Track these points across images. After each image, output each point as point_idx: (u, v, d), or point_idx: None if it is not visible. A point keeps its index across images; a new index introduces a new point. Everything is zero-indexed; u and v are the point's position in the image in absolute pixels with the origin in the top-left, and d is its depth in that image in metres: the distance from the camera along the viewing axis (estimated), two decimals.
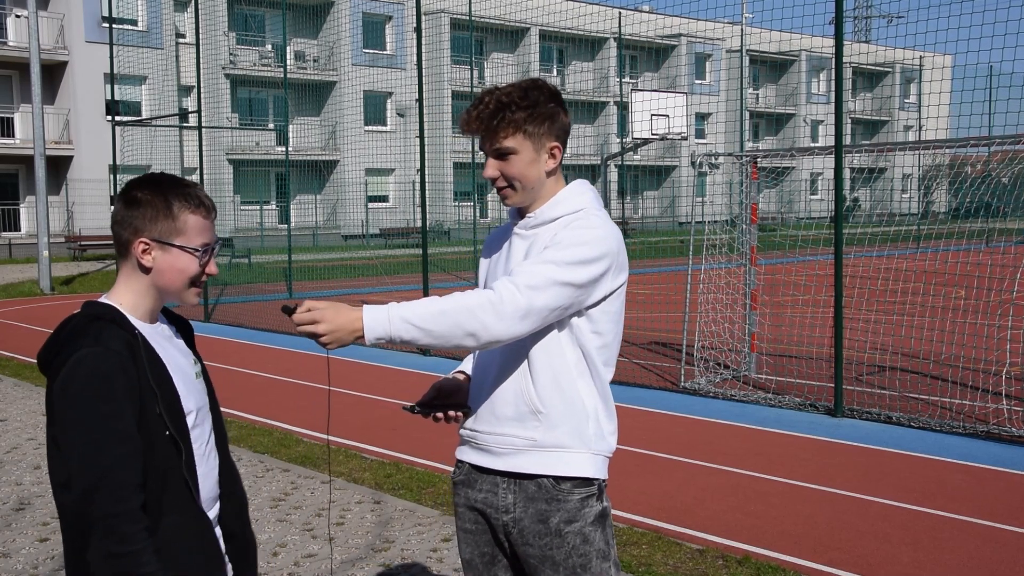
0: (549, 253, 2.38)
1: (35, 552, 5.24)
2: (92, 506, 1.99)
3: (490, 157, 2.49)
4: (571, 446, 2.47)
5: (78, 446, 2.02)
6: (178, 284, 2.22)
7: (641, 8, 42.97)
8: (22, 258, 30.81)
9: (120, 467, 2.01)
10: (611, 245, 2.43)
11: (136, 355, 2.10)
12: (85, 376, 2.03)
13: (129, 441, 2.04)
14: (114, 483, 2.00)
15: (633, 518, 5.65)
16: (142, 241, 2.17)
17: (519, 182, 2.48)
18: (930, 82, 44.58)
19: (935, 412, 8.09)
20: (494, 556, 2.60)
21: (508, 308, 2.28)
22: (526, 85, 2.48)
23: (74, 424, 2.03)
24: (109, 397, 2.03)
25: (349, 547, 5.25)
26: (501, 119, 2.43)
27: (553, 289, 2.33)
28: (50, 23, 33.04)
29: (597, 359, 2.49)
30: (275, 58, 38.37)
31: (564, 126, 2.51)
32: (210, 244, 2.24)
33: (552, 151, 2.50)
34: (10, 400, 9.42)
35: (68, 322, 2.16)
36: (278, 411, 8.73)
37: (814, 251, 11.40)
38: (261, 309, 16.59)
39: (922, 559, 4.99)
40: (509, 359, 2.47)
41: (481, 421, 2.54)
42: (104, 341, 2.07)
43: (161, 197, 2.18)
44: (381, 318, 2.24)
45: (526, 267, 2.36)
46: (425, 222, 12.19)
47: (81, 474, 2.01)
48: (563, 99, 2.54)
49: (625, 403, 8.72)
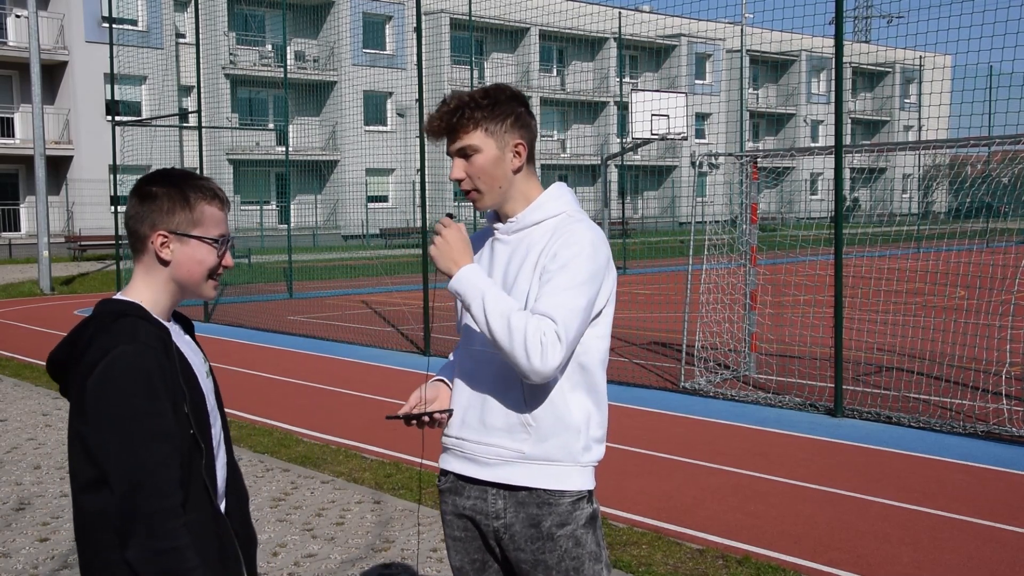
0: (559, 279, 2.37)
1: (35, 552, 5.23)
2: (136, 504, 1.99)
3: (455, 158, 2.49)
4: (559, 460, 2.45)
5: (118, 445, 2.01)
6: (197, 276, 2.22)
7: (641, 8, 42.98)
8: (22, 258, 30.81)
9: (163, 465, 2.01)
10: (604, 249, 2.46)
11: (169, 351, 2.11)
12: (125, 373, 2.02)
13: (171, 438, 2.04)
14: (158, 481, 2.00)
15: (633, 518, 5.65)
16: (160, 234, 2.17)
17: (485, 182, 2.48)
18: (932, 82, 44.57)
19: (935, 412, 8.09)
20: (484, 562, 2.59)
21: (551, 361, 2.30)
22: (488, 87, 2.50)
23: (113, 423, 2.01)
24: (150, 394, 2.03)
25: (349, 547, 5.25)
26: (461, 116, 2.44)
27: (580, 315, 2.36)
28: (50, 23, 33.04)
29: (597, 367, 2.49)
30: (275, 58, 38.37)
31: (528, 125, 2.50)
32: (226, 236, 2.25)
33: (516, 148, 2.49)
34: (10, 400, 9.42)
35: (90, 321, 2.15)
36: (278, 411, 8.73)
37: (814, 251, 11.40)
38: (261, 309, 16.59)
39: (922, 559, 4.99)
40: (502, 369, 2.46)
41: (468, 429, 2.52)
42: (143, 338, 2.07)
43: (177, 189, 2.19)
44: (471, 284, 2.37)
45: (559, 313, 2.33)
46: (425, 222, 12.19)
47: (123, 473, 2.00)
48: (527, 103, 2.54)
49: (625, 403, 8.72)
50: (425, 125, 2.49)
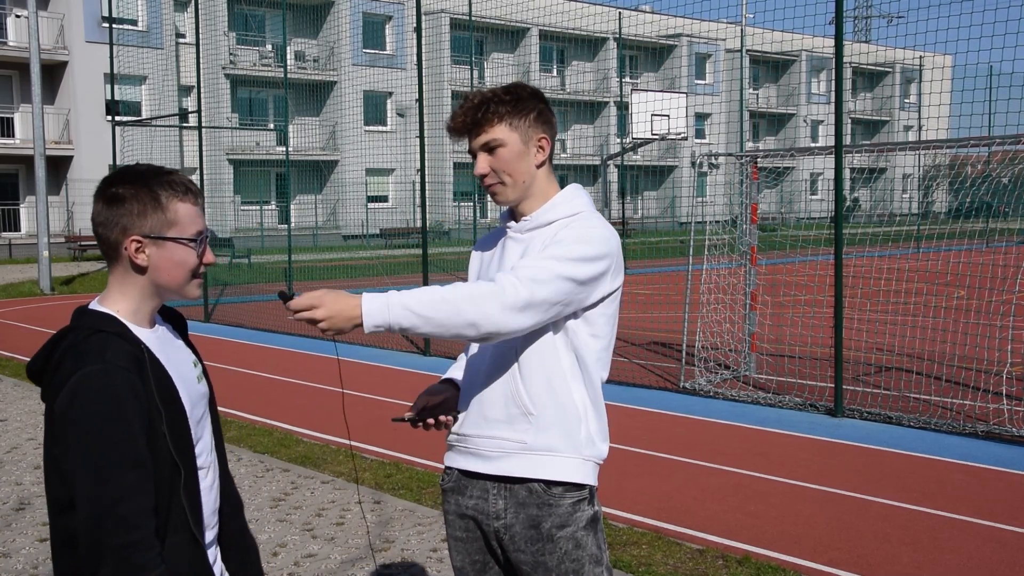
0: (551, 250, 2.38)
1: (35, 552, 5.23)
2: (102, 536, 1.88)
3: (479, 152, 2.49)
4: (562, 450, 2.44)
5: (85, 474, 1.89)
6: (179, 279, 2.09)
7: (641, 8, 42.98)
8: (22, 258, 30.81)
9: (130, 495, 1.89)
10: (612, 246, 2.43)
11: (143, 372, 1.98)
12: (91, 397, 1.90)
13: (140, 466, 1.92)
14: (125, 512, 1.88)
15: (633, 518, 5.65)
16: (134, 239, 2.02)
17: (509, 176, 2.48)
18: (933, 82, 44.57)
19: (935, 412, 8.09)
20: (486, 563, 2.58)
21: (510, 299, 2.26)
22: (509, 85, 2.51)
23: (80, 450, 1.89)
24: (118, 419, 1.90)
25: (349, 547, 5.25)
26: (486, 111, 2.45)
27: (555, 283, 2.31)
28: (50, 23, 33.04)
29: (592, 364, 2.47)
30: (275, 58, 38.37)
31: (549, 120, 2.52)
32: (203, 232, 2.11)
33: (540, 143, 2.50)
34: (10, 400, 9.42)
35: (64, 335, 2.02)
36: (278, 411, 8.73)
37: (814, 251, 11.40)
38: (261, 309, 16.59)
39: (922, 559, 4.99)
40: (500, 361, 2.46)
41: (470, 424, 2.51)
42: (110, 359, 1.93)
43: (146, 189, 2.02)
44: (380, 305, 2.20)
45: (528, 262, 2.36)
46: (425, 222, 12.19)
47: (90, 503, 1.88)
48: (548, 101, 2.55)
49: (625, 403, 8.72)
50: (448, 123, 2.48)
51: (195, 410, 2.12)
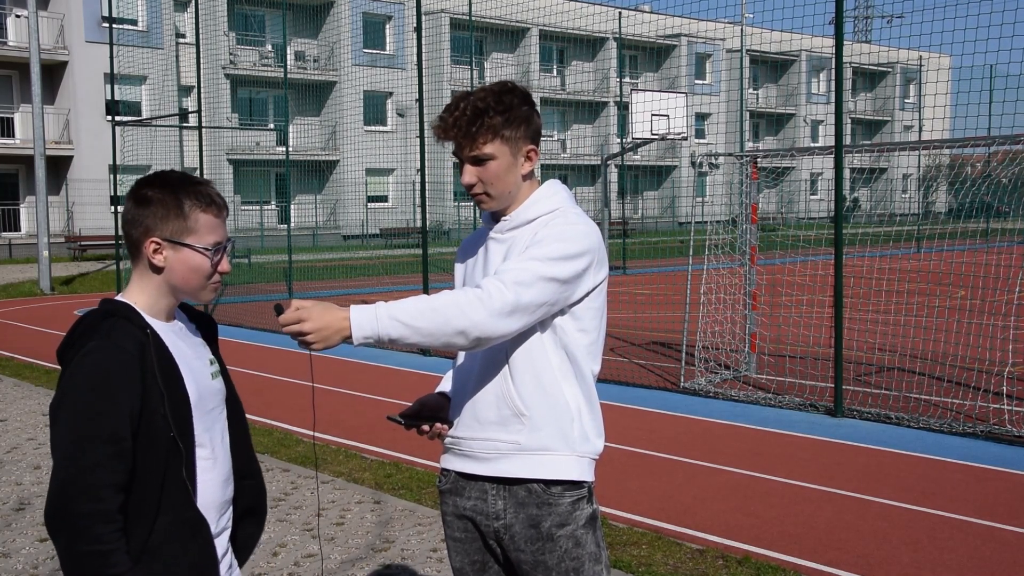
0: (532, 251, 2.38)
1: (35, 552, 5.23)
2: (65, 502, 1.96)
3: (467, 163, 2.47)
4: (556, 449, 2.45)
5: (61, 439, 2.00)
6: (193, 283, 2.20)
7: (641, 8, 42.99)
8: (22, 258, 30.82)
9: (101, 467, 1.97)
10: (592, 240, 2.43)
11: (145, 354, 2.08)
12: (85, 370, 2.02)
13: (117, 441, 2.00)
14: (93, 481, 1.97)
15: (633, 518, 5.65)
16: (153, 241, 2.15)
17: (497, 188, 2.48)
18: (930, 83, 44.57)
19: (935, 412, 8.09)
20: (485, 563, 2.59)
21: (496, 304, 2.26)
22: (498, 89, 2.47)
23: (64, 417, 2.01)
24: (104, 394, 2.00)
25: (349, 547, 5.25)
26: (480, 125, 2.41)
27: (539, 285, 2.32)
28: (50, 23, 33.05)
29: (582, 359, 2.47)
30: (275, 58, 38.38)
31: (538, 128, 2.52)
32: (222, 242, 2.21)
33: (528, 154, 2.50)
34: (10, 400, 9.43)
35: (85, 318, 2.15)
36: (278, 411, 8.73)
37: (814, 251, 11.40)
38: (261, 309, 16.58)
39: (922, 559, 4.99)
40: (489, 363, 2.46)
41: (464, 427, 2.52)
42: (114, 337, 2.05)
43: (172, 195, 2.15)
44: (369, 316, 2.20)
45: (510, 265, 2.36)
46: (425, 222, 12.19)
47: (63, 470, 1.97)
48: (533, 100, 2.54)
49: (625, 403, 8.71)
50: (438, 127, 2.45)
51: (204, 402, 2.21)
